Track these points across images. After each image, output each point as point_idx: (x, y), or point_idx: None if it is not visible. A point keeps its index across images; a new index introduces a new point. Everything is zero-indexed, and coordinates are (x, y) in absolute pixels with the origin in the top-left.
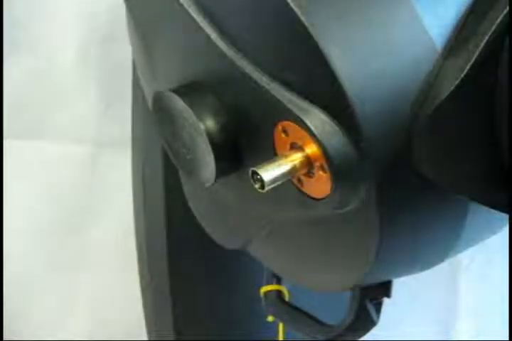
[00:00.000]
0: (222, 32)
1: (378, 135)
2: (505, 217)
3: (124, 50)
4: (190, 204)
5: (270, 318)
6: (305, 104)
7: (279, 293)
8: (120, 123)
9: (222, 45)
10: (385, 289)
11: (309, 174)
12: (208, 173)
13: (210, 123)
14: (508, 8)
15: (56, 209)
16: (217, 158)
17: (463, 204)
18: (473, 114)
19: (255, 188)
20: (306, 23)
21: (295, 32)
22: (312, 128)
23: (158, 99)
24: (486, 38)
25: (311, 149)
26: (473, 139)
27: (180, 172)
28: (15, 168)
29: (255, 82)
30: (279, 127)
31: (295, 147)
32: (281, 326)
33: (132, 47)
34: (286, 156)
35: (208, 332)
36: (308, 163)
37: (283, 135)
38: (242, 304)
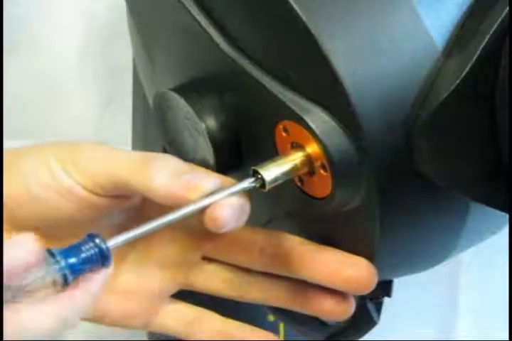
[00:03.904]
0: (223, 31)
1: (379, 134)
2: (505, 217)
3: (124, 50)
4: None
5: (270, 318)
6: (306, 103)
7: None
8: (120, 123)
9: (222, 44)
10: (385, 289)
11: (310, 173)
12: None
13: (210, 122)
14: (508, 8)
15: None
16: (218, 157)
17: (463, 204)
18: (473, 114)
19: (256, 187)
20: (307, 22)
21: (296, 31)
22: (313, 127)
23: (159, 98)
24: (487, 37)
25: (312, 148)
26: (474, 139)
27: None
28: None
29: (256, 81)
30: (280, 126)
31: (296, 146)
32: (281, 326)
33: (133, 46)
34: (287, 155)
35: None
36: (309, 162)
37: (284, 134)
38: (243, 304)
